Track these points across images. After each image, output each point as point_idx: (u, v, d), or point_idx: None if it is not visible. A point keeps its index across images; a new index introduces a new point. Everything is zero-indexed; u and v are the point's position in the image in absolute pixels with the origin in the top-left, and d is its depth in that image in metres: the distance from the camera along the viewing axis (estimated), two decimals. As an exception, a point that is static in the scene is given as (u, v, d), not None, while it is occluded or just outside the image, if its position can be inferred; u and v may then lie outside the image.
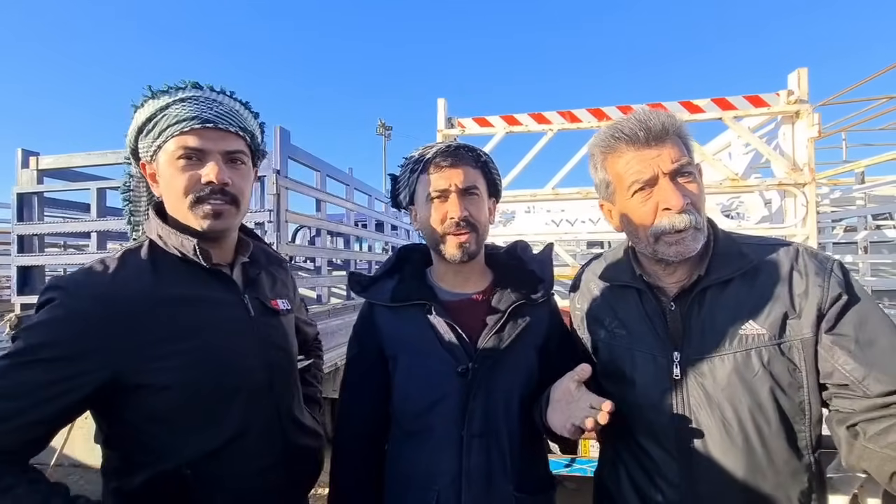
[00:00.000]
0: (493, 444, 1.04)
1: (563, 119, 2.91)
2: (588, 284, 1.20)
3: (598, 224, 2.87)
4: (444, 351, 1.07)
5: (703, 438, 0.93)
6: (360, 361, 1.18)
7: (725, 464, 0.91)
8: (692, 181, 0.96)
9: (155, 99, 0.96)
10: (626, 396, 1.03)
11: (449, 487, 1.03)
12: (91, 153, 3.14)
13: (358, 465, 1.13)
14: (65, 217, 4.04)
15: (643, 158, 0.95)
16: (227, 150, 0.99)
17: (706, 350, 0.94)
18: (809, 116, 2.66)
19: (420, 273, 1.21)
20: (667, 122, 0.95)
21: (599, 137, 1.03)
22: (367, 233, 4.97)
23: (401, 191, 1.18)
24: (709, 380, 0.93)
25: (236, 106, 1.02)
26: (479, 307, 1.14)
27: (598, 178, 1.07)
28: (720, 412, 0.92)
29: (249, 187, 1.07)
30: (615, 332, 1.07)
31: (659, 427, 0.97)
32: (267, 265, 1.20)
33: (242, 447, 0.97)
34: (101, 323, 0.85)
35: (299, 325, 1.35)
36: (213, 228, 0.98)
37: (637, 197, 0.97)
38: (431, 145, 1.13)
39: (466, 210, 1.07)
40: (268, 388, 1.04)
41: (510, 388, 1.08)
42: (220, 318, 0.99)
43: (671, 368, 0.96)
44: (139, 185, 1.11)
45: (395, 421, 1.14)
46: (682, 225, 0.92)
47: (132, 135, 1.00)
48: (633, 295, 1.06)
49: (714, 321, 0.95)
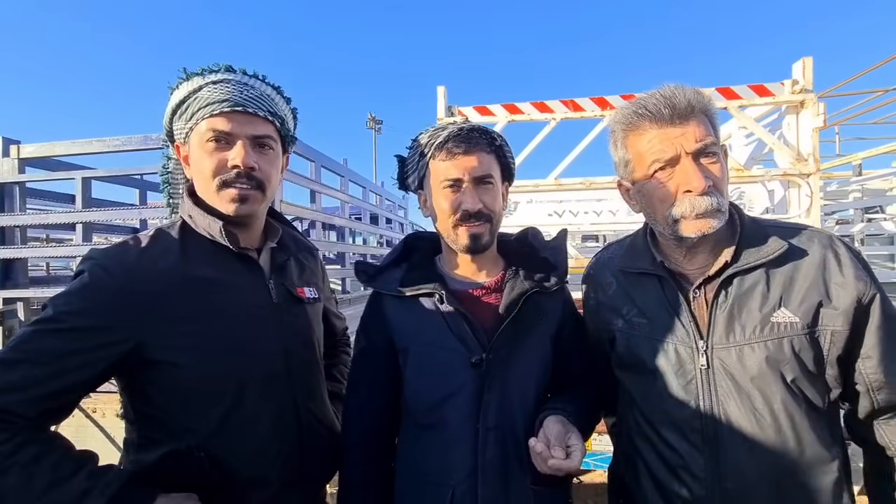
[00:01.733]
0: (509, 437, 1.00)
1: (566, 108, 2.85)
2: (602, 273, 1.15)
3: (601, 216, 2.83)
4: (457, 342, 1.02)
5: (732, 429, 0.89)
6: (369, 354, 1.12)
7: (756, 455, 0.87)
8: (716, 162, 0.92)
9: (188, 81, 0.97)
10: (646, 388, 0.99)
11: (464, 482, 0.98)
12: (75, 141, 3.00)
13: (367, 461, 1.08)
14: (48, 208, 3.90)
15: (666, 137, 0.90)
16: (255, 135, 0.98)
17: (735, 338, 0.90)
18: (814, 106, 2.63)
19: (429, 262, 1.16)
20: (693, 99, 0.90)
21: (621, 113, 0.98)
22: (361, 226, 4.89)
23: (409, 174, 1.12)
24: (738, 369, 0.89)
25: (268, 90, 1.02)
26: (491, 296, 1.09)
27: (618, 156, 1.02)
28: (750, 402, 0.88)
29: (277, 173, 1.07)
30: (633, 322, 1.03)
31: (683, 419, 0.93)
32: (296, 252, 1.19)
33: (255, 433, 0.97)
34: (127, 296, 0.86)
35: (328, 316, 1.34)
36: (237, 213, 0.98)
37: (657, 177, 0.93)
38: (443, 126, 1.06)
39: (481, 201, 1.02)
40: (285, 376, 1.03)
41: (525, 379, 1.05)
42: (241, 302, 0.99)
43: (696, 358, 0.92)
44: (177, 167, 1.12)
45: (408, 414, 1.09)
46: (703, 208, 0.89)
47: (168, 116, 1.01)
48: (654, 282, 1.01)
49: (742, 308, 0.91)
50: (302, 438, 1.04)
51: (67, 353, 0.81)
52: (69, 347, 0.81)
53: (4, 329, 2.92)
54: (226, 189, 0.96)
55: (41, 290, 3.21)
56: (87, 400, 2.64)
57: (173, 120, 1.01)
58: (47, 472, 0.76)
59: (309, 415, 1.07)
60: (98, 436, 2.57)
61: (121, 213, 3.36)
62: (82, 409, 2.67)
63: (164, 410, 0.92)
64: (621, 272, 1.09)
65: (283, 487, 1.00)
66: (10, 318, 2.96)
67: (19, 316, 3.00)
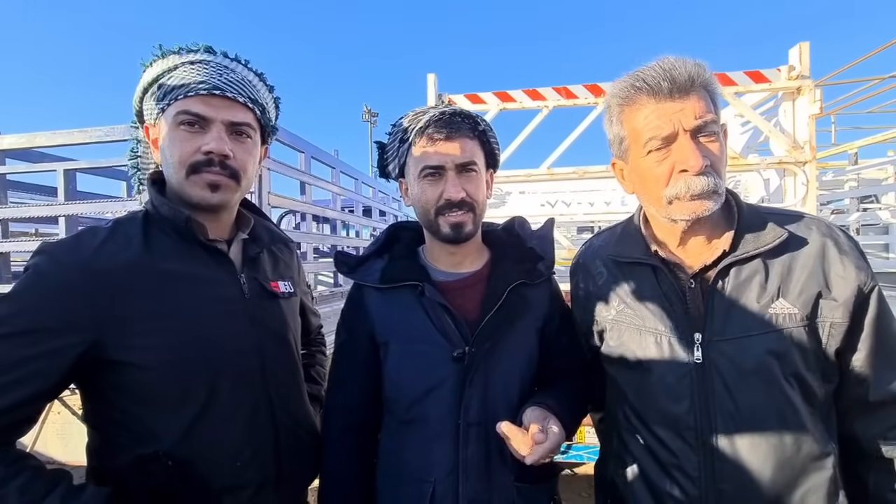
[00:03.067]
0: (492, 433, 0.96)
1: (559, 95, 2.79)
2: (592, 262, 1.10)
3: (595, 206, 2.79)
4: (439, 335, 0.98)
5: (728, 426, 0.85)
6: (350, 348, 1.08)
7: (753, 453, 0.84)
8: (715, 141, 0.87)
9: (164, 59, 0.91)
10: (638, 383, 0.95)
11: (445, 479, 0.96)
12: (56, 132, 2.93)
13: (349, 457, 1.05)
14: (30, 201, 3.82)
15: (664, 112, 0.85)
16: (232, 121, 0.92)
17: (732, 331, 0.86)
18: (811, 93, 2.59)
19: (412, 252, 1.12)
20: (694, 72, 0.85)
21: (618, 86, 0.92)
22: (354, 218, 4.83)
23: (389, 161, 1.08)
24: (735, 363, 0.85)
25: (249, 76, 0.96)
26: (475, 288, 1.05)
27: (613, 132, 0.97)
28: (748, 397, 0.84)
29: (254, 164, 1.00)
30: (625, 313, 0.98)
31: (676, 415, 0.89)
32: (270, 244, 1.12)
33: (227, 436, 0.91)
34: (81, 291, 0.79)
35: (304, 312, 1.27)
36: (208, 201, 0.92)
37: (652, 156, 0.88)
38: (423, 110, 1.01)
39: (464, 189, 0.98)
40: (259, 375, 0.97)
41: (509, 373, 1.01)
42: (210, 298, 0.92)
43: (692, 351, 0.88)
44: (147, 150, 1.05)
45: (389, 410, 1.05)
46: (699, 189, 0.85)
47: (138, 94, 0.95)
48: (647, 272, 0.97)
49: (740, 299, 0.87)
50: (279, 441, 0.99)
51: (18, 363, 0.75)
52: (20, 355, 0.75)
53: (-14, 325, 2.87)
54: (196, 175, 0.90)
55: (25, 285, 3.15)
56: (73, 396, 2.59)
57: (144, 98, 0.95)
58: (14, 496, 0.71)
59: (286, 416, 1.02)
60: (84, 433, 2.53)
61: (106, 205, 3.28)
62: (67, 405, 2.63)
63: (127, 414, 0.86)
64: (613, 261, 1.05)
65: (258, 491, 0.95)
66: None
67: (2, 311, 2.94)
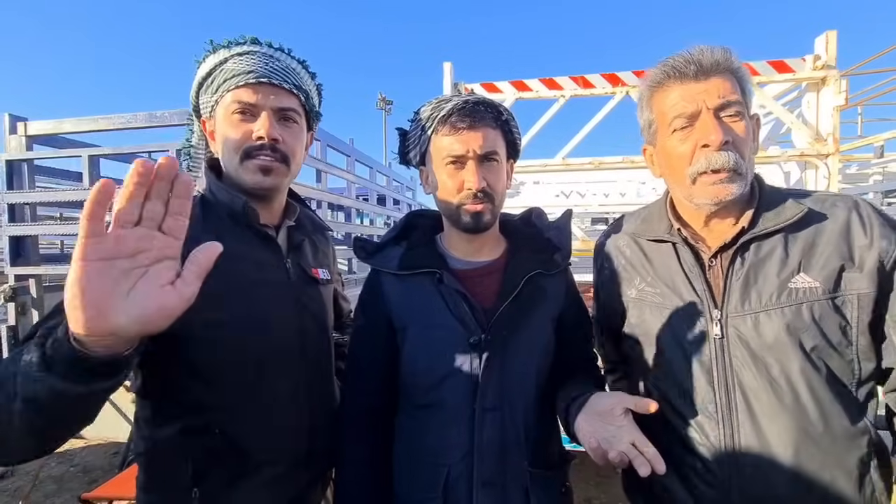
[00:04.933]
0: (507, 418, 0.99)
1: (576, 84, 2.77)
2: (616, 242, 1.12)
3: (609, 197, 2.77)
4: (456, 321, 1.00)
5: (748, 400, 0.85)
6: (367, 333, 1.11)
7: (774, 426, 0.84)
8: (738, 121, 0.87)
9: (214, 54, 0.96)
10: (659, 360, 0.96)
11: (461, 462, 0.98)
12: (82, 119, 3.01)
13: (365, 439, 1.08)
14: (57, 185, 3.93)
15: (688, 92, 0.87)
16: (279, 107, 0.97)
17: (750, 305, 0.86)
18: (836, 83, 2.52)
19: (429, 240, 1.14)
20: (721, 57, 0.86)
21: (649, 74, 0.95)
22: (368, 206, 4.87)
23: (410, 149, 1.09)
24: (753, 337, 0.85)
25: (293, 63, 1.01)
26: (492, 276, 1.06)
27: (644, 118, 0.99)
28: (767, 371, 0.84)
29: (301, 148, 1.06)
30: (647, 291, 0.99)
31: (696, 390, 0.90)
32: (312, 232, 1.18)
33: (270, 411, 0.96)
34: None
35: (336, 298, 1.33)
36: (261, 184, 0.97)
37: (677, 135, 0.90)
38: (446, 99, 1.02)
39: (484, 179, 0.99)
40: (299, 356, 1.02)
41: (525, 361, 1.03)
42: (261, 279, 0.98)
43: (711, 327, 0.89)
44: (200, 142, 1.11)
45: (406, 394, 1.08)
46: (719, 164, 0.84)
47: (194, 90, 1.01)
48: (669, 250, 0.98)
49: (758, 275, 0.87)
50: (312, 419, 1.05)
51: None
52: None
53: (17, 305, 2.98)
54: (249, 160, 0.95)
55: (53, 268, 3.26)
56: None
57: (199, 94, 1.00)
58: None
59: (319, 396, 1.08)
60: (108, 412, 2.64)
61: (128, 191, 3.38)
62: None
63: (180, 386, 0.90)
64: (635, 241, 1.06)
65: (292, 467, 1.01)
66: (22, 294, 3.02)
67: (31, 293, 3.05)
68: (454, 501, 0.97)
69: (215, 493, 0.90)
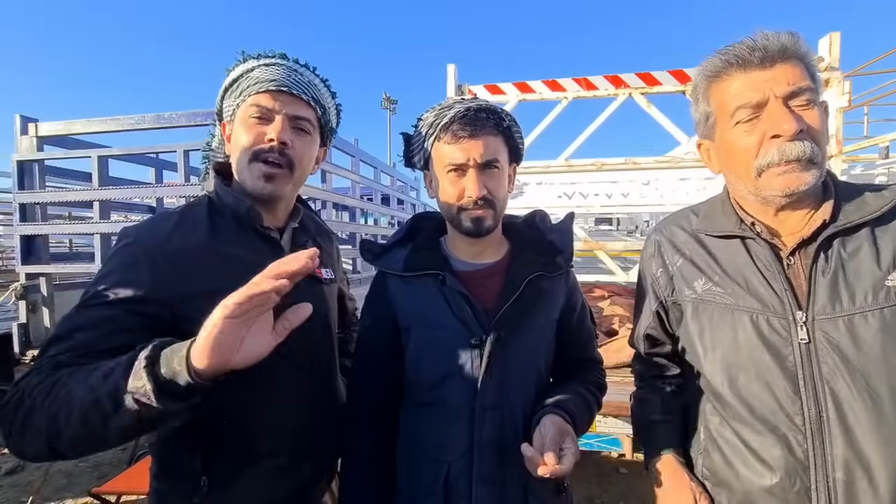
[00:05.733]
0: (507, 417, 1.01)
1: (579, 86, 2.78)
2: (670, 240, 1.04)
3: (612, 198, 2.78)
4: (458, 322, 1.02)
5: (842, 412, 0.77)
6: (373, 332, 1.14)
7: (873, 441, 0.75)
8: (811, 108, 0.79)
9: (244, 63, 1.02)
10: (730, 369, 0.88)
11: (461, 460, 1.00)
12: (91, 120, 3.05)
13: (370, 435, 1.11)
14: (67, 186, 3.98)
15: (753, 81, 0.80)
16: (294, 115, 1.01)
17: (842, 307, 0.78)
18: (840, 85, 2.53)
19: (434, 242, 1.16)
20: (789, 42, 0.79)
21: (706, 63, 0.88)
22: (373, 206, 4.90)
23: (414, 154, 1.12)
24: (847, 342, 0.77)
25: (315, 80, 1.06)
26: (494, 278, 1.08)
27: (699, 112, 0.92)
28: (864, 380, 0.76)
29: (310, 157, 1.09)
30: (713, 292, 0.91)
31: (779, 402, 0.82)
32: (316, 234, 1.22)
33: (277, 406, 1.00)
34: (163, 269, 0.88)
35: (342, 297, 1.37)
36: (260, 191, 1.00)
37: (740, 127, 0.82)
38: (449, 105, 1.04)
39: (485, 187, 1.01)
40: (303, 354, 1.05)
41: (525, 361, 1.05)
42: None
43: (795, 331, 0.81)
44: (220, 146, 1.15)
45: (409, 391, 1.11)
46: (795, 154, 0.77)
47: (220, 94, 1.06)
48: (739, 247, 0.90)
49: (848, 273, 0.79)
50: (316, 413, 1.08)
51: (113, 319, 0.83)
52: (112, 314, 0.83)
53: (28, 303, 3.03)
54: (255, 163, 0.98)
55: (62, 266, 3.32)
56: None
57: (224, 98, 1.05)
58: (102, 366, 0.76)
59: (322, 391, 1.11)
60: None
61: (137, 191, 3.43)
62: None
63: None
64: (696, 238, 0.98)
65: (296, 458, 1.04)
66: (32, 292, 3.07)
67: (41, 291, 3.10)
68: (455, 497, 1.00)
69: (222, 481, 0.94)
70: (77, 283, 4.14)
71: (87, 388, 0.70)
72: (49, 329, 3.12)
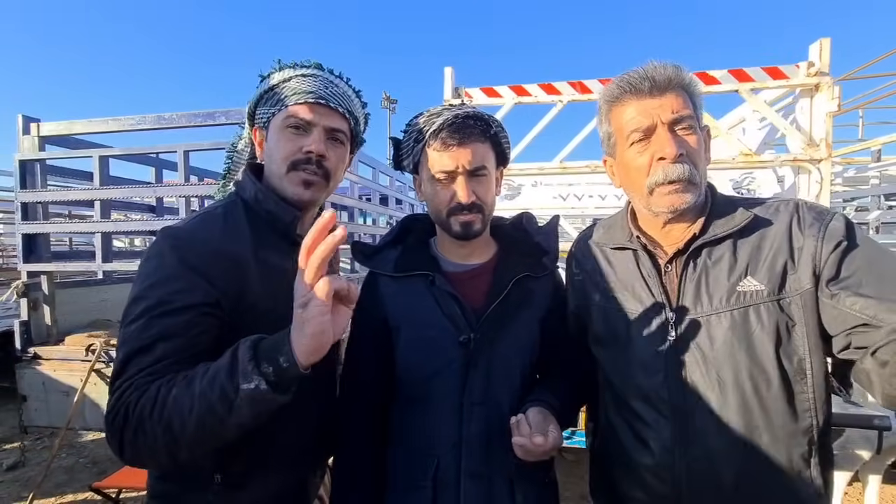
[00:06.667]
0: (494, 413, 1.04)
1: (574, 90, 2.82)
2: (585, 250, 1.18)
3: (606, 200, 2.82)
4: (447, 321, 1.06)
5: (698, 399, 0.91)
6: (365, 331, 1.17)
7: (720, 424, 0.89)
8: (691, 134, 0.92)
9: (281, 71, 1.04)
10: (620, 362, 1.02)
11: (449, 454, 1.04)
12: (92, 120, 3.09)
13: (362, 430, 1.14)
14: (68, 185, 4.02)
15: (644, 108, 0.93)
16: (331, 127, 1.04)
17: (701, 308, 0.92)
18: (829, 90, 2.56)
19: (424, 243, 1.20)
20: (673, 74, 0.92)
21: (607, 89, 1.00)
22: (371, 206, 4.93)
23: (404, 158, 1.16)
24: (704, 339, 0.91)
25: (349, 91, 1.09)
26: (482, 278, 1.12)
27: (603, 130, 1.05)
28: (716, 372, 0.89)
29: (342, 168, 1.12)
30: (609, 297, 1.05)
31: (652, 389, 0.96)
32: None
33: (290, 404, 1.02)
34: (218, 274, 0.90)
35: None
36: (300, 197, 1.03)
37: (634, 148, 0.95)
38: (437, 112, 1.08)
39: (474, 193, 1.04)
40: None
41: (511, 358, 1.08)
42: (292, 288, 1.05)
43: (666, 329, 0.94)
44: (245, 148, 1.19)
45: (399, 388, 1.14)
46: (675, 175, 0.89)
47: (253, 100, 1.09)
48: (629, 257, 1.04)
49: (710, 279, 0.92)
50: (320, 409, 1.12)
51: (194, 324, 0.85)
52: (187, 320, 0.84)
53: (29, 301, 3.07)
54: (294, 172, 1.01)
55: (63, 265, 3.36)
56: (108, 369, 2.78)
57: (259, 104, 1.07)
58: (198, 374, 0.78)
59: (326, 388, 1.15)
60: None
61: (137, 190, 3.47)
62: (103, 377, 2.82)
63: None
64: (599, 248, 1.12)
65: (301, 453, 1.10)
66: (34, 290, 3.11)
67: (43, 289, 3.14)
68: (443, 490, 1.03)
69: (234, 477, 0.97)
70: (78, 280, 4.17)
71: (197, 396, 0.74)
72: (50, 326, 3.16)
